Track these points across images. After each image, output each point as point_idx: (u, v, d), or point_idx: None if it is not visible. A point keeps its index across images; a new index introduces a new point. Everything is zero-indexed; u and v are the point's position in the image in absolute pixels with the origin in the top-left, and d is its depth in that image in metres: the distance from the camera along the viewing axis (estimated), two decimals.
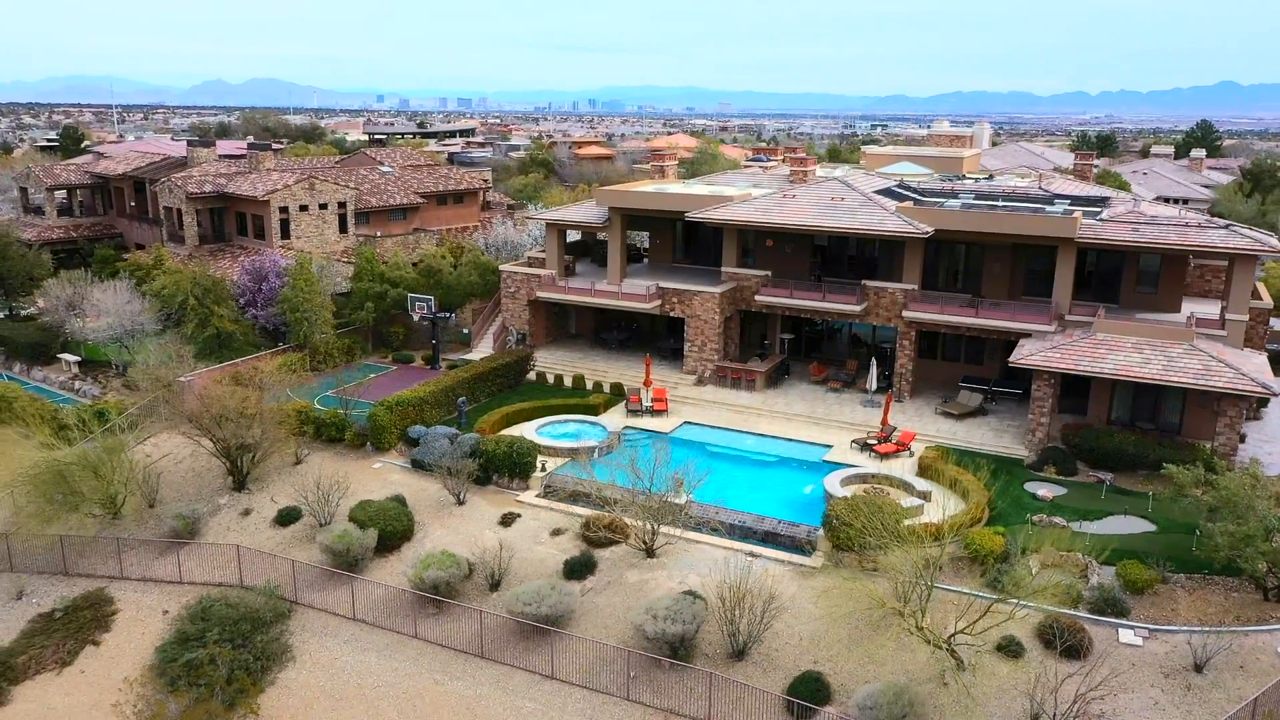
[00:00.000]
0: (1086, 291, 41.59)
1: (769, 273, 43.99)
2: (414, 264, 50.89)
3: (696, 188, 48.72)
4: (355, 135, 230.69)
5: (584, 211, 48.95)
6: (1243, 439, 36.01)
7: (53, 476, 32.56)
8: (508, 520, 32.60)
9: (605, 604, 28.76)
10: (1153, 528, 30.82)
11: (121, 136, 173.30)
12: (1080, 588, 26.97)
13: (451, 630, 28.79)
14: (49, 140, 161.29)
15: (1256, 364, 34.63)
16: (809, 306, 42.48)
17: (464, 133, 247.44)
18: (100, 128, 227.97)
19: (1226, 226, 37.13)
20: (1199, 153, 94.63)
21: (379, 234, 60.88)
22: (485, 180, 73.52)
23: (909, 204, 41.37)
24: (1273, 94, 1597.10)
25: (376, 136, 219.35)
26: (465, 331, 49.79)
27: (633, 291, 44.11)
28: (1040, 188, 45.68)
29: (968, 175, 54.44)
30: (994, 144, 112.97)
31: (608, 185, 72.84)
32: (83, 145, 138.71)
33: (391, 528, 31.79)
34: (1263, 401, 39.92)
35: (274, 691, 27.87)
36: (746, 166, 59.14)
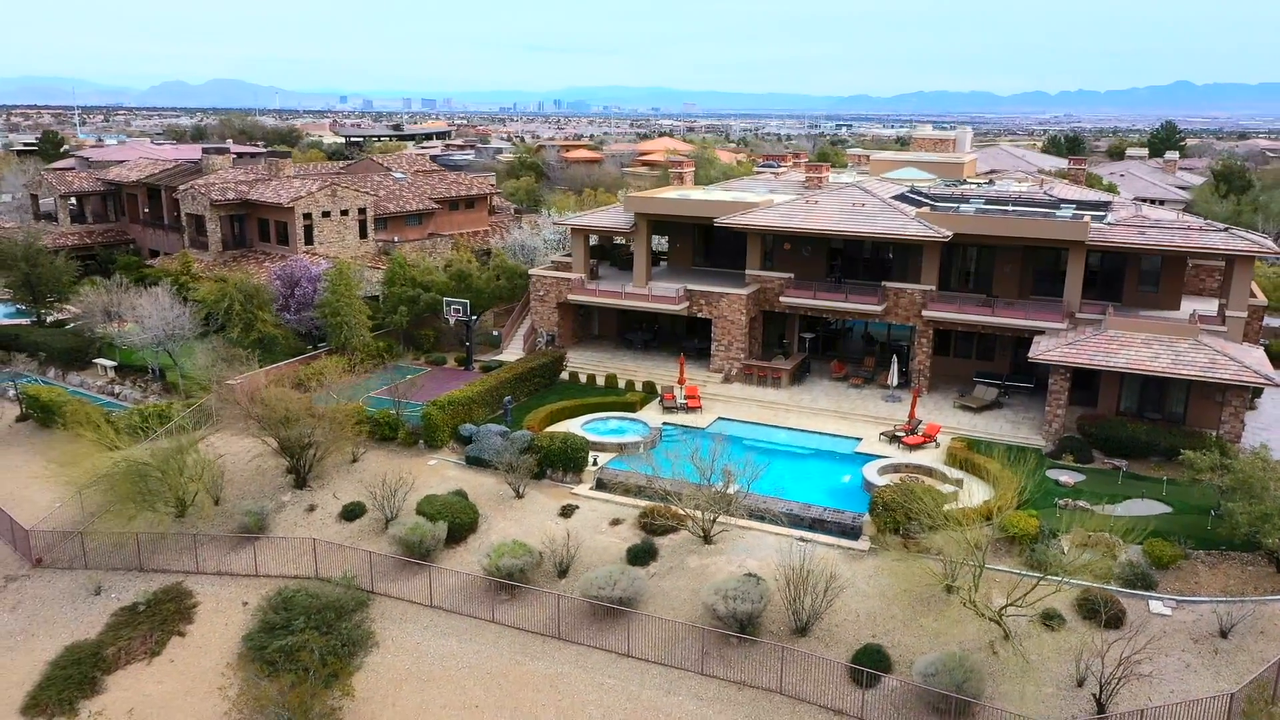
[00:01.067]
0: (1091, 290, 44.14)
1: (792, 275, 46.17)
2: (444, 268, 52.42)
3: (718, 194, 50.83)
4: (329, 138, 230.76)
5: (609, 217, 50.89)
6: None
7: (132, 475, 33.94)
8: (567, 511, 34.48)
9: (670, 587, 30.73)
10: (1169, 509, 33.29)
11: (100, 140, 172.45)
12: (1112, 565, 29.34)
13: (526, 614, 30.62)
14: (26, 145, 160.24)
15: (1256, 357, 37.33)
16: (832, 307, 44.72)
17: (439, 135, 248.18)
18: (61, 129, 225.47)
19: (1226, 229, 39.86)
20: (1173, 155, 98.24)
21: (396, 239, 62.41)
22: (492, 185, 75.09)
23: (926, 209, 43.71)
24: (1226, 93, 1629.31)
25: (352, 140, 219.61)
26: (495, 334, 51.49)
27: (662, 294, 46.12)
28: (1045, 192, 48.27)
29: (969, 180, 56.98)
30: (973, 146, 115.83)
31: (599, 188, 74.74)
32: (62, 150, 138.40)
33: (459, 520, 33.54)
34: (1257, 392, 42.68)
35: (362, 674, 29.55)
36: (759, 173, 61.37)
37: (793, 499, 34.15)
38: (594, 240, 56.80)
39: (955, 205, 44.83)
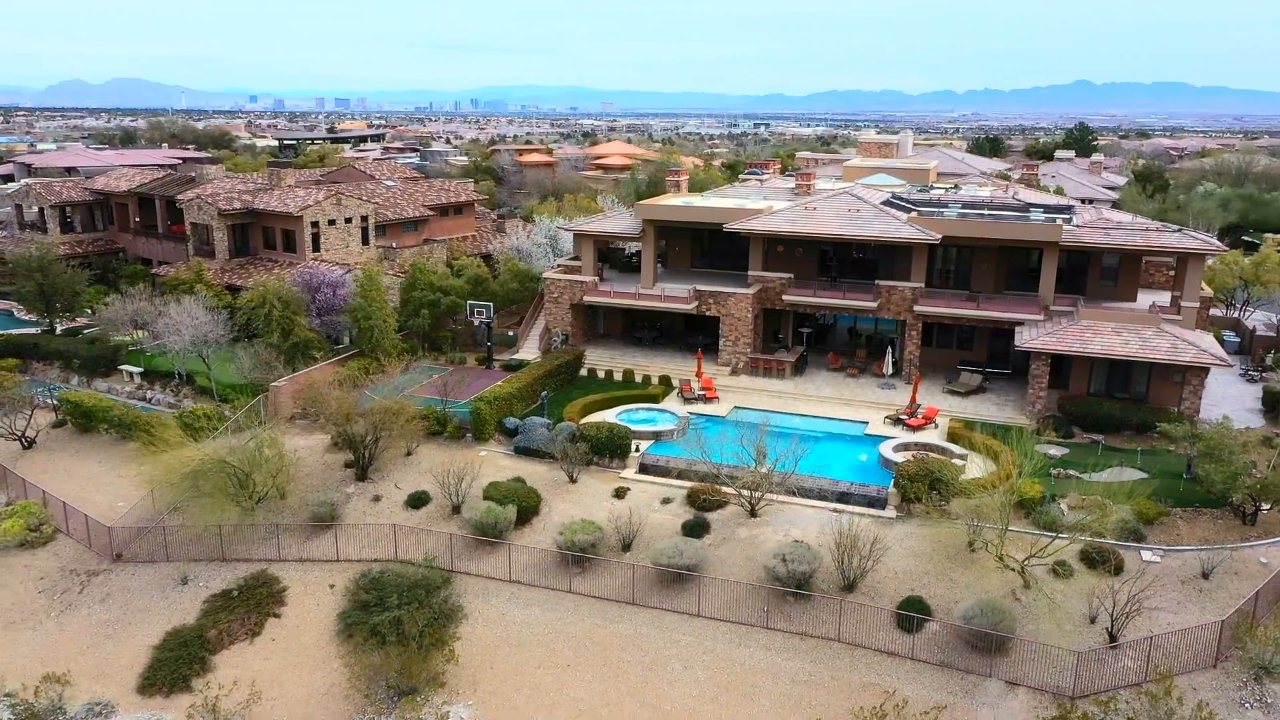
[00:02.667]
0: (1058, 285, 49.23)
1: (791, 275, 50.35)
2: (456, 273, 55.26)
3: (718, 201, 54.73)
4: (263, 141, 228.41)
5: (614, 222, 54.45)
6: None
7: (218, 472, 36.39)
8: (620, 493, 38.01)
9: (726, 555, 34.53)
10: (1144, 475, 38.27)
11: (32, 146, 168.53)
12: (1109, 522, 34.07)
13: (600, 584, 34.11)
14: None
15: (1209, 342, 42.75)
16: (831, 304, 49.07)
17: (373, 138, 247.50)
18: None
19: (1179, 230, 45.28)
20: (1099, 157, 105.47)
21: (394, 245, 64.91)
22: (474, 192, 77.82)
23: (915, 214, 48.31)
24: (1122, 92, 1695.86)
25: (287, 142, 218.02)
26: (510, 334, 54.58)
27: (674, 294, 49.87)
28: (1014, 197, 53.37)
29: (935, 185, 61.97)
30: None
31: (579, 194, 78.29)
32: None
33: (524, 503, 36.82)
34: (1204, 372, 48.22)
35: (457, 643, 32.65)
36: (745, 179, 65.41)
37: (820, 476, 38.21)
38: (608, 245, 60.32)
39: (938, 210, 49.53)
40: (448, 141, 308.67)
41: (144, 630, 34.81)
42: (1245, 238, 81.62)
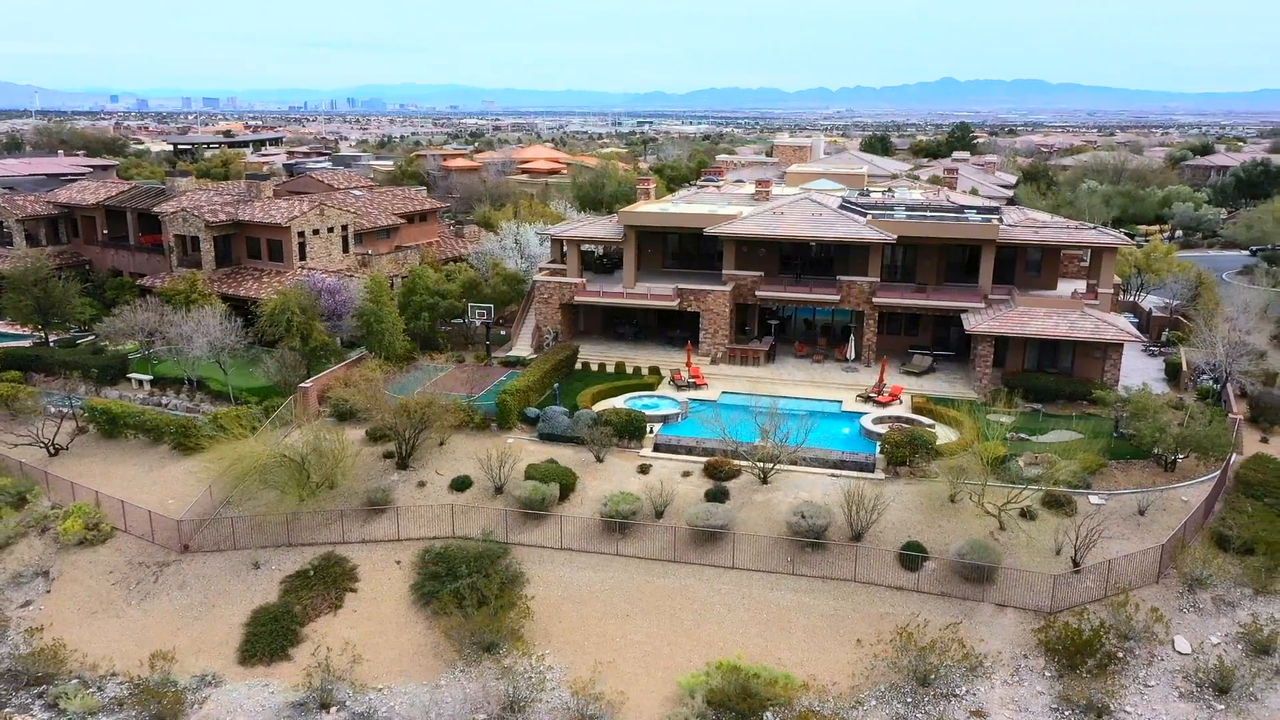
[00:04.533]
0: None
1: (761, 273, 56.24)
2: (447, 277, 59.20)
3: (691, 207, 60.10)
4: (157, 146, 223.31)
5: (596, 228, 59.33)
6: None
7: (285, 466, 39.96)
8: (644, 469, 43.08)
9: (747, 516, 40.00)
10: (1079, 436, 45.46)
11: None
12: (1061, 474, 40.92)
13: (642, 546, 39.14)
14: None
15: (1124, 322, 50.42)
16: (799, 298, 55.15)
17: (272, 141, 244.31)
18: None
19: (1095, 228, 52.92)
20: (992, 157, 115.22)
21: (369, 252, 68.25)
22: (434, 201, 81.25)
23: (871, 216, 54.78)
24: (985, 89, 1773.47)
25: (182, 147, 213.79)
26: (503, 333, 58.85)
27: (659, 292, 55.15)
28: (947, 199, 60.49)
29: (870, 189, 68.86)
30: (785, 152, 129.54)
31: (491, 195, 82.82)
32: None
33: (564, 481, 41.54)
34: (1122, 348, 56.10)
35: (524, 603, 37.23)
36: (703, 186, 70.84)
37: (815, 447, 44.07)
38: (565, 248, 64.96)
39: (889, 212, 56.12)
40: (340, 142, 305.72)
41: (229, 610, 38.23)
42: (1125, 231, 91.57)
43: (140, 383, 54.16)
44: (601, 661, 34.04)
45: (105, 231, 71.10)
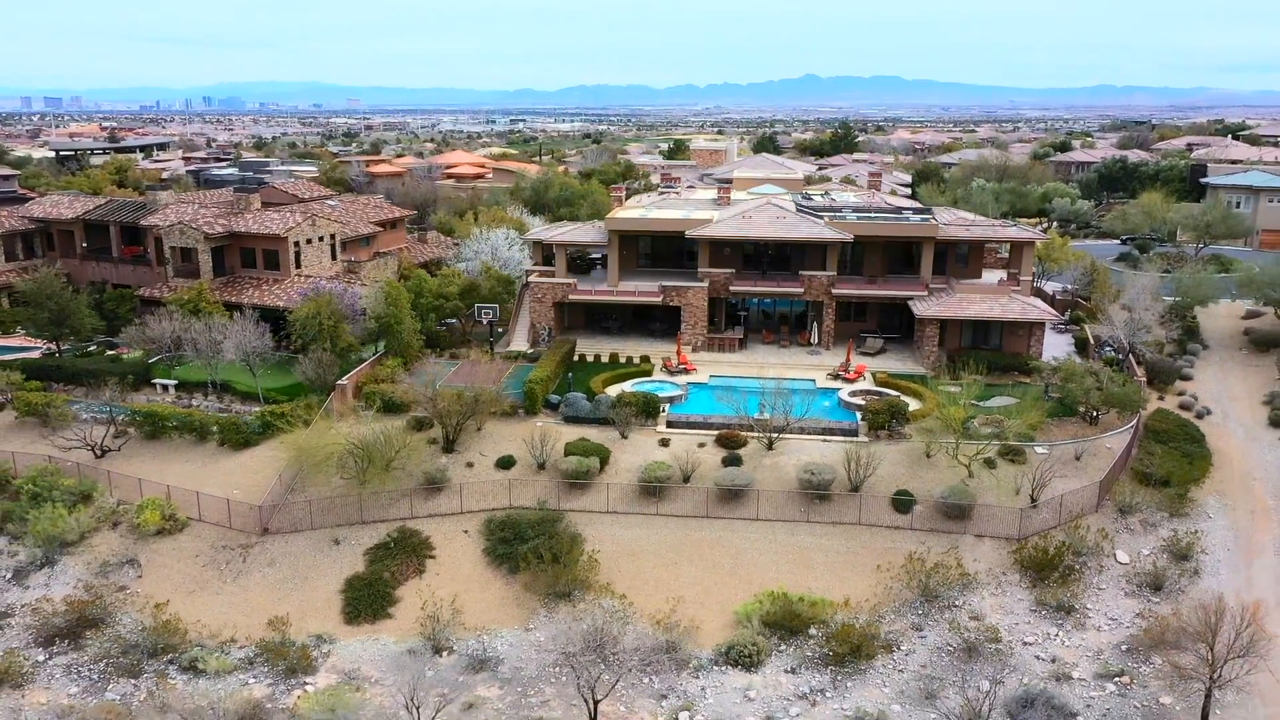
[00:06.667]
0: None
1: (732, 270, 63.59)
2: (443, 281, 64.40)
3: (663, 213, 66.79)
4: (39, 153, 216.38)
5: (581, 232, 65.56)
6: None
7: (355, 451, 45.06)
8: (665, 443, 49.75)
9: (761, 477, 47.15)
10: (1016, 400, 54.37)
11: None
12: (1013, 431, 49.56)
13: (677, 506, 45.85)
14: None
15: (1044, 305, 59.85)
16: (768, 291, 62.76)
17: (159, 146, 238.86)
18: None
19: (1015, 224, 62.23)
20: (889, 158, 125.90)
21: (352, 259, 72.59)
22: (399, 209, 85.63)
23: (828, 217, 62.76)
24: (845, 85, 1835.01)
25: (65, 153, 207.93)
26: (500, 331, 64.40)
27: (644, 290, 61.84)
28: (884, 201, 69.11)
29: (810, 192, 77.12)
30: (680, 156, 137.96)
31: (423, 201, 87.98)
32: None
33: (601, 455, 47.88)
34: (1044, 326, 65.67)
35: (585, 559, 43.44)
36: (664, 193, 77.29)
37: (806, 418, 51.61)
38: (554, 250, 70.83)
39: (841, 214, 64.24)
40: (210, 144, 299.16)
41: (321, 581, 43.20)
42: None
43: (165, 387, 57.58)
44: (671, 597, 40.64)
45: (84, 244, 73.13)
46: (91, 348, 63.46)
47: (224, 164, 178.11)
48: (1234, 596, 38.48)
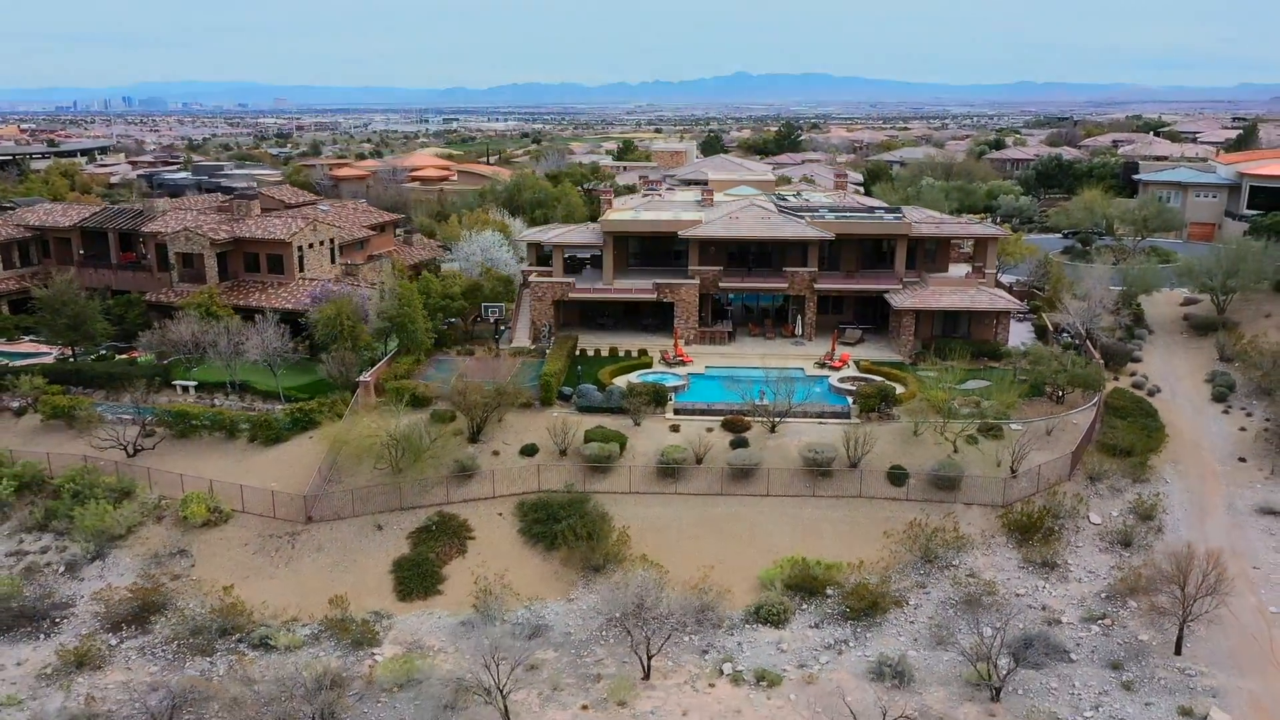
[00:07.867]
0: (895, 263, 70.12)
1: (720, 267, 67.81)
2: (444, 282, 67.49)
3: (655, 214, 70.65)
4: None
5: (577, 234, 69.13)
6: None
7: (392, 442, 48.24)
8: (675, 428, 53.72)
9: (766, 457, 51.40)
10: (988, 383, 59.53)
11: None
12: (990, 410, 54.51)
13: (693, 485, 49.88)
14: None
15: (1009, 296, 65.17)
16: (754, 287, 67.10)
17: (100, 150, 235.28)
18: None
19: (981, 221, 67.48)
20: (843, 157, 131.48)
21: (349, 262, 75.19)
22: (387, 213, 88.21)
23: (809, 217, 67.32)
24: (775, 82, 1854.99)
25: (1, 158, 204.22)
26: (503, 328, 67.73)
27: (640, 287, 65.74)
28: (857, 201, 73.92)
29: (784, 193, 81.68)
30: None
31: (388, 200, 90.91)
32: None
33: (620, 441, 51.68)
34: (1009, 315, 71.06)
35: (614, 534, 47.20)
36: (647, 196, 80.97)
37: (801, 403, 56.00)
38: (550, 251, 74.23)
39: (821, 214, 68.86)
40: (140, 145, 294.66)
41: (369, 564, 46.32)
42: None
43: (186, 388, 59.83)
44: (700, 566, 44.63)
45: (82, 251, 74.55)
46: (102, 352, 65.25)
47: (173, 168, 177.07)
48: (1196, 548, 43.80)
